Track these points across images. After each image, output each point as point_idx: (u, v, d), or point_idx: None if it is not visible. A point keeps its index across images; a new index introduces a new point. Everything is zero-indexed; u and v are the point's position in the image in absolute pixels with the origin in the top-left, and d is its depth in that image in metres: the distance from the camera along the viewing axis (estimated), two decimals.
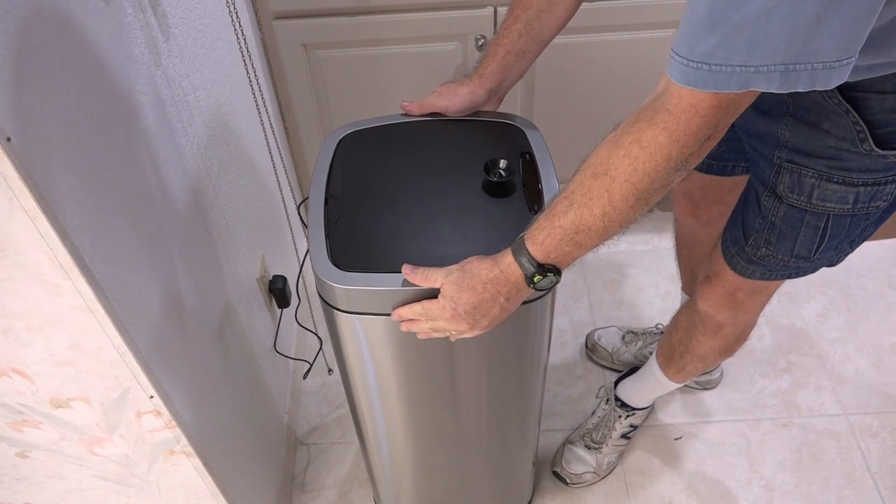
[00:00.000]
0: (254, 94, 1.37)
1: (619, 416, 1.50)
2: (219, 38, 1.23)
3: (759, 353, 1.72)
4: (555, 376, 1.70)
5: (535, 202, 0.96)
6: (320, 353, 1.66)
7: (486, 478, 1.32)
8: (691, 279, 1.45)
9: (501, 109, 1.12)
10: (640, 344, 1.67)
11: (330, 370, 1.71)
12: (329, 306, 0.93)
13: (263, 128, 1.46)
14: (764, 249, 1.03)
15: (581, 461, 1.50)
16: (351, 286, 0.88)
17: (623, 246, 1.98)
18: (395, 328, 0.94)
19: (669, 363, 1.35)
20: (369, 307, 0.91)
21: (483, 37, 1.53)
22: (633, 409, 1.49)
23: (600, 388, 1.61)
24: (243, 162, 1.34)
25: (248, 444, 1.27)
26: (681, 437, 1.59)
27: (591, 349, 1.72)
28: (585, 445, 1.51)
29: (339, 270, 0.89)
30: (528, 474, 1.38)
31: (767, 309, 1.81)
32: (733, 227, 1.08)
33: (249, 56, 1.34)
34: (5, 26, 0.62)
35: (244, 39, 1.30)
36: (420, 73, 1.61)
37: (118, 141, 0.83)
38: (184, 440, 0.96)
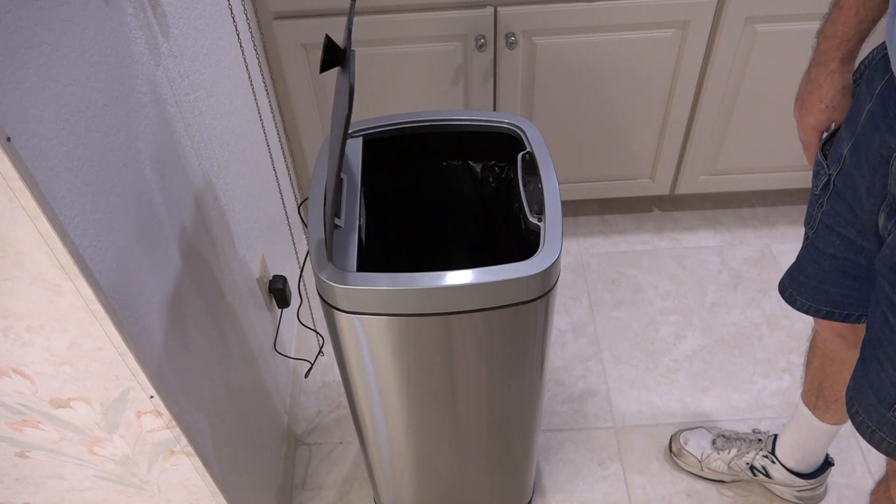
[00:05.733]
0: (254, 94, 1.37)
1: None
2: (219, 38, 1.23)
3: (759, 353, 1.73)
4: (555, 376, 1.70)
5: (535, 202, 0.96)
6: (321, 352, 1.66)
7: (486, 478, 1.32)
8: (816, 393, 1.28)
9: (501, 109, 1.12)
10: (733, 451, 1.47)
11: (321, 352, 1.68)
12: (329, 306, 0.93)
13: (264, 128, 1.46)
14: None
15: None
16: (351, 286, 0.88)
17: (623, 246, 1.98)
18: (396, 328, 0.94)
19: None
20: (369, 307, 0.91)
21: (483, 37, 1.54)
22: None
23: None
24: (243, 162, 1.34)
25: (248, 444, 1.27)
26: None
27: (676, 454, 1.54)
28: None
29: (339, 270, 0.89)
30: (528, 474, 1.38)
31: (767, 308, 1.82)
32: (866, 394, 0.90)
33: (250, 56, 1.34)
34: (5, 25, 0.62)
35: (244, 39, 1.30)
36: (420, 73, 1.61)
37: (118, 141, 0.83)
38: (184, 440, 0.96)
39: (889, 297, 0.83)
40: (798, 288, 1.06)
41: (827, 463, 1.42)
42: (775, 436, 1.44)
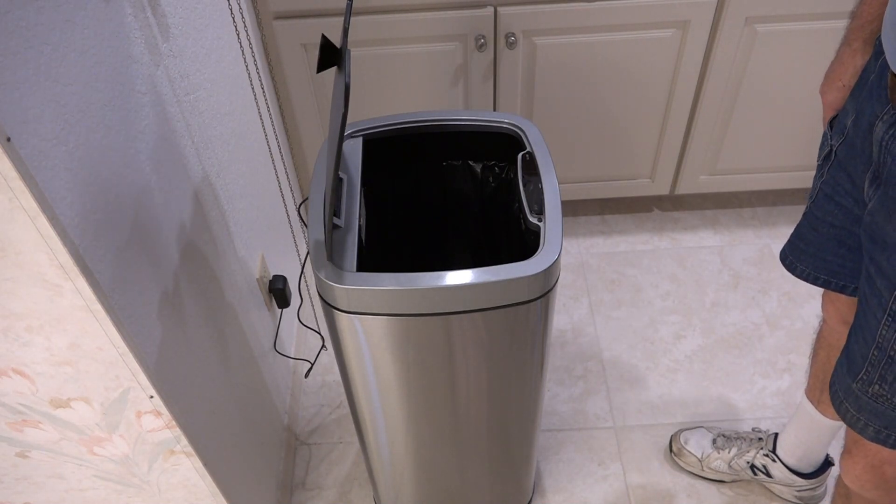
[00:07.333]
0: (254, 94, 1.37)
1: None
2: (219, 38, 1.23)
3: (759, 353, 1.73)
4: (555, 376, 1.70)
5: (535, 202, 0.96)
6: (321, 351, 1.66)
7: (486, 478, 1.32)
8: (820, 387, 1.28)
9: (501, 109, 1.12)
10: (734, 451, 1.47)
11: (324, 346, 1.70)
12: (329, 306, 0.93)
13: (264, 128, 1.46)
14: (877, 387, 0.85)
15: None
16: (351, 286, 0.88)
17: (623, 246, 1.98)
18: (395, 328, 0.94)
19: None
20: (369, 307, 0.91)
21: (483, 37, 1.54)
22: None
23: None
24: (243, 162, 1.34)
25: (248, 444, 1.27)
26: None
27: (676, 454, 1.54)
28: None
29: (338, 270, 0.89)
30: (528, 474, 1.38)
31: (767, 308, 1.82)
32: (840, 364, 0.92)
33: (250, 56, 1.34)
34: (5, 25, 0.62)
35: (244, 39, 1.30)
36: (420, 73, 1.61)
37: (118, 141, 0.83)
38: (184, 440, 0.96)
39: (867, 268, 0.84)
40: (798, 255, 1.07)
41: (827, 463, 1.42)
42: (776, 434, 1.44)
